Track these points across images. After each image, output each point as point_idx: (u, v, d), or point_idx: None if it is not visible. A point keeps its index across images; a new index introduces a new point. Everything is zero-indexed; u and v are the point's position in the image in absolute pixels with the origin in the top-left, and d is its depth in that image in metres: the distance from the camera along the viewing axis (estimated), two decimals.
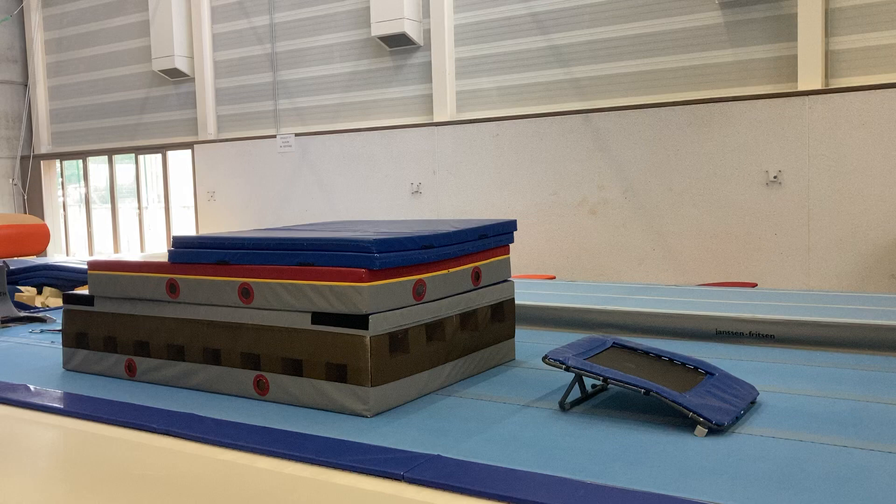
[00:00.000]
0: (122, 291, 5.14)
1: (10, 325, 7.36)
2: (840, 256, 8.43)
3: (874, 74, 8.32)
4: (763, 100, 8.74)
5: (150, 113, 14.10)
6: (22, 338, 6.74)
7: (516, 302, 5.67)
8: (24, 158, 15.68)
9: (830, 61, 8.54)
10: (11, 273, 9.16)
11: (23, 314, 7.70)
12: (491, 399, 4.42)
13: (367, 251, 4.22)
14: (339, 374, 4.23)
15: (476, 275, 5.03)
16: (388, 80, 11.51)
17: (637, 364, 4.28)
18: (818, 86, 8.47)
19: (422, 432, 3.85)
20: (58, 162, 15.77)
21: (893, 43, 8.25)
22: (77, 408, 4.47)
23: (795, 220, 8.62)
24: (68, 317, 5.49)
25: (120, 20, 14.32)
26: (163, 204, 14.24)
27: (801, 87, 8.55)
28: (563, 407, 4.15)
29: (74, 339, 5.43)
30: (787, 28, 8.68)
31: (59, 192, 15.90)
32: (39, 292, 9.19)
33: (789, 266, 8.69)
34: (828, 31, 8.51)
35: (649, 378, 3.99)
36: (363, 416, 4.13)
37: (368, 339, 4.14)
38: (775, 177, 8.69)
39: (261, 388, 4.52)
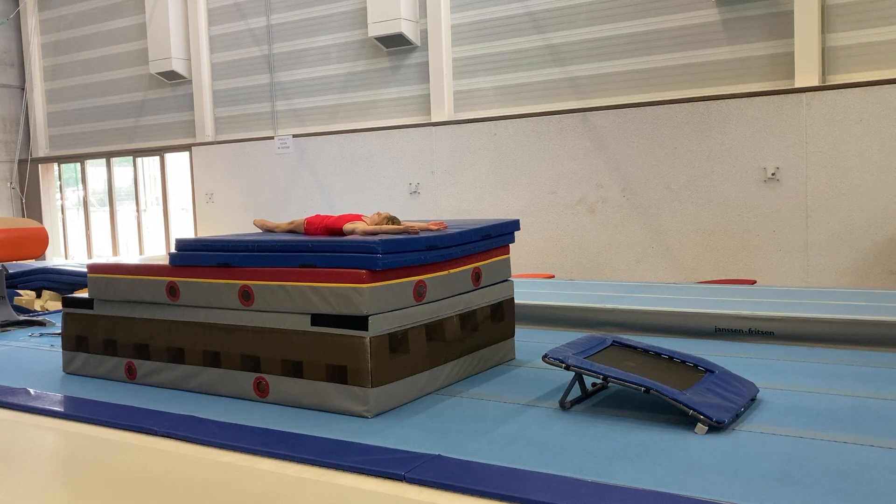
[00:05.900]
0: (122, 294, 5.14)
1: (9, 328, 7.35)
2: (838, 253, 8.44)
3: (871, 71, 8.33)
4: (760, 97, 8.75)
5: (148, 115, 14.09)
6: (21, 342, 6.74)
7: (516, 301, 5.67)
8: (21, 162, 15.67)
9: (827, 58, 8.55)
10: (10, 277, 9.16)
11: (22, 318, 7.69)
12: (491, 399, 4.43)
13: (373, 252, 4.21)
14: (339, 375, 4.23)
15: (476, 275, 5.04)
16: (385, 80, 11.51)
17: (637, 362, 4.28)
18: (815, 83, 8.48)
19: (423, 432, 3.85)
20: (56, 165, 15.75)
21: (890, 39, 8.26)
22: (77, 411, 4.47)
23: (793, 217, 8.63)
24: (68, 320, 5.49)
25: (117, 23, 14.30)
26: (161, 206, 14.23)
27: (799, 84, 8.55)
28: (564, 406, 4.15)
29: (74, 342, 5.43)
30: (783, 25, 8.69)
31: (58, 196, 15.88)
32: (38, 296, 9.19)
33: (788, 263, 8.70)
34: (824, 27, 8.51)
35: (649, 376, 3.99)
36: (364, 417, 4.13)
37: (368, 339, 4.14)
38: (773, 174, 8.70)
39: (261, 390, 4.52)
